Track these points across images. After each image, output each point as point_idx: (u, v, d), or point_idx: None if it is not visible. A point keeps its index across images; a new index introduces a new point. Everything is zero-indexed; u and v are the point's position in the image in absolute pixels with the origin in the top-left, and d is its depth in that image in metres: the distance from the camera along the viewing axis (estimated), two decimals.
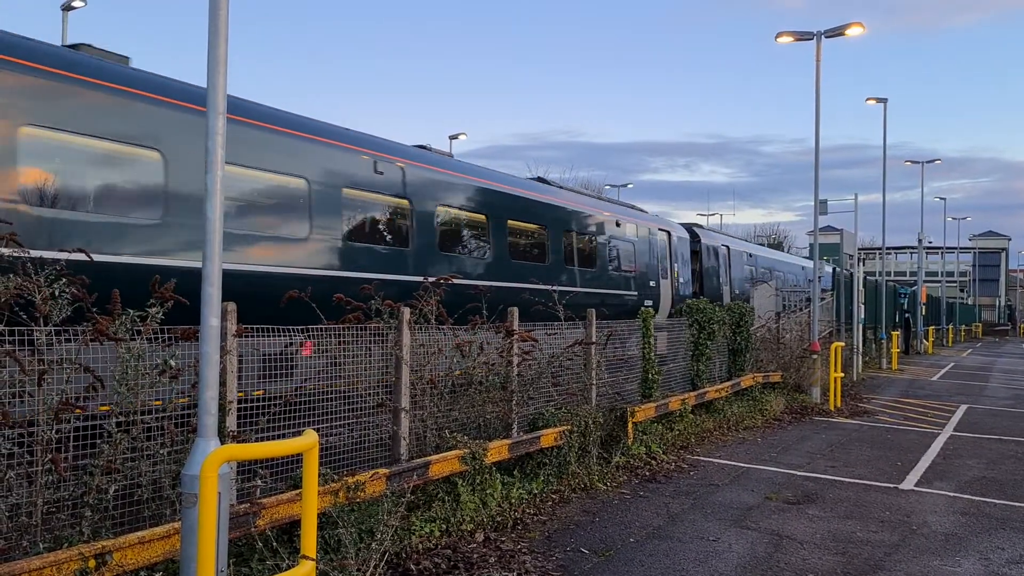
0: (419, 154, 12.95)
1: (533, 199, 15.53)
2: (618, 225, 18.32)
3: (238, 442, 5.67)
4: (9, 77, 7.35)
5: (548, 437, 8.92)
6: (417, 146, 13.61)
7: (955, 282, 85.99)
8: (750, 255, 29.47)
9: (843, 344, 19.26)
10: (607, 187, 53.44)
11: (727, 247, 26.55)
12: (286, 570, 5.06)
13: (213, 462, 3.95)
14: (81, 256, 5.75)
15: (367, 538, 5.86)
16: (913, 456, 11.80)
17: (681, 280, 21.76)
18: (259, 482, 5.90)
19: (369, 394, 7.46)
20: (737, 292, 26.27)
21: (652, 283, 19.66)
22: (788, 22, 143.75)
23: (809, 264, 36.62)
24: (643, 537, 7.45)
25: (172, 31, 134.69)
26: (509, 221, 14.50)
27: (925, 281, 43.37)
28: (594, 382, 10.69)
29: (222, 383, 5.55)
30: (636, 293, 18.67)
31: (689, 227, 24.28)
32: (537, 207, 15.51)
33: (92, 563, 4.42)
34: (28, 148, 7.50)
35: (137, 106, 8.43)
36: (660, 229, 21.01)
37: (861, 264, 25.18)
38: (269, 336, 6.56)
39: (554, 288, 11.97)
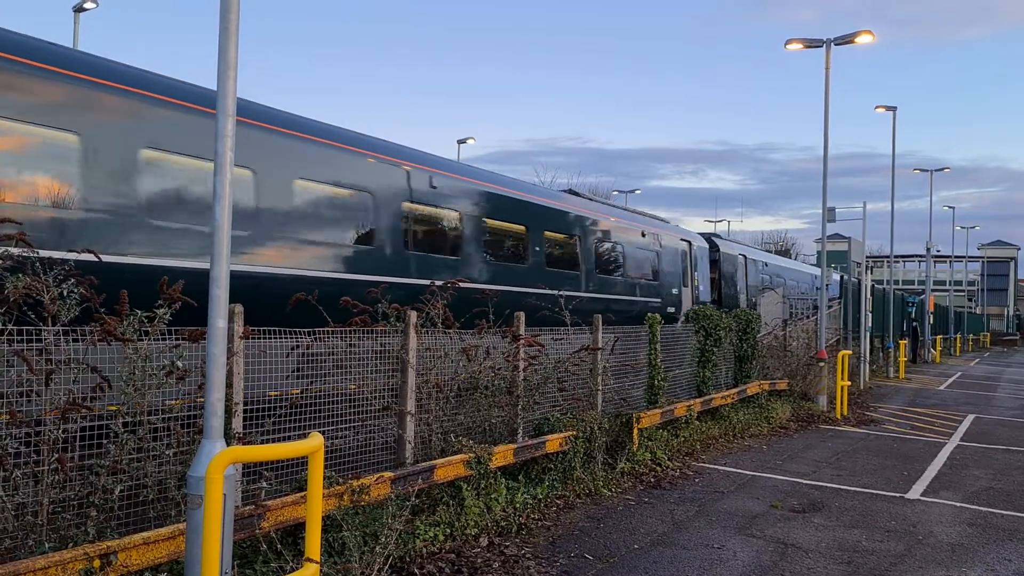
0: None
1: (565, 210, 16.53)
2: (643, 236, 19.53)
3: (244, 444, 5.68)
4: None
5: (553, 442, 8.91)
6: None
7: (963, 291, 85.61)
8: (765, 264, 30.77)
9: (850, 352, 19.20)
10: (615, 192, 53.50)
11: (744, 256, 27.82)
12: (290, 572, 5.07)
13: (219, 464, 3.96)
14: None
15: (371, 541, 5.86)
16: (919, 466, 11.76)
17: (700, 288, 22.86)
18: (264, 484, 5.91)
19: (375, 397, 7.47)
20: (752, 299, 27.44)
21: (674, 291, 20.86)
22: (798, 31, 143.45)
23: (817, 271, 36.49)
24: (647, 544, 7.44)
25: (181, 32, 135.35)
26: (546, 232, 15.56)
27: (933, 290, 43.21)
28: (600, 388, 10.68)
29: (228, 385, 5.56)
30: (659, 300, 19.76)
31: (708, 236, 25.58)
32: (569, 217, 16.55)
33: (97, 563, 4.43)
34: None
35: None
36: (682, 240, 22.22)
37: (869, 272, 25.09)
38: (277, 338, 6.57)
39: (581, 295, 14.44)
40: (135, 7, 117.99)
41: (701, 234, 25.14)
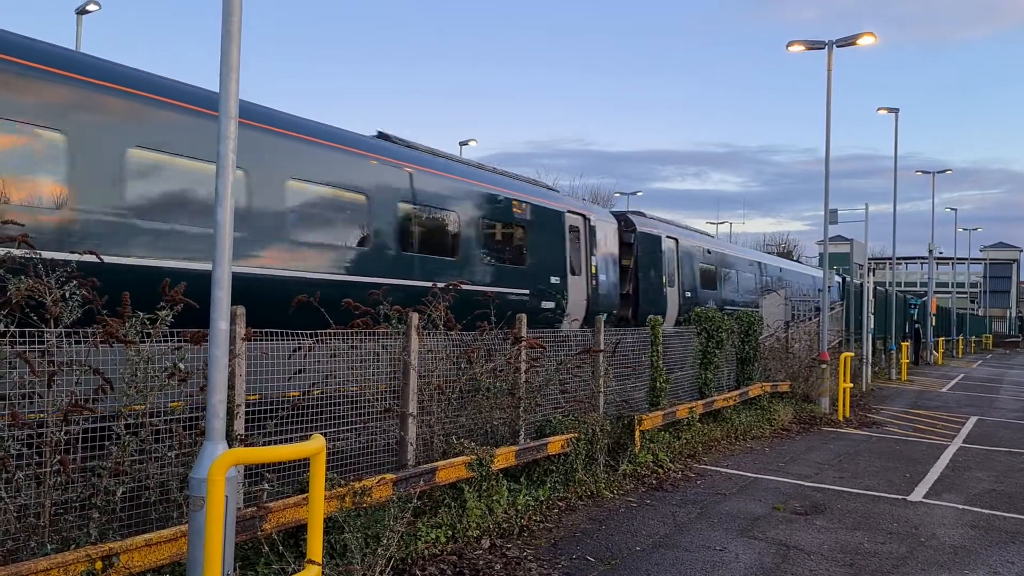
0: None
1: (348, 153, 11.12)
2: (499, 203, 14.22)
3: (246, 446, 5.68)
4: None
5: (555, 444, 8.91)
6: None
7: (965, 293, 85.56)
8: (708, 251, 24.63)
9: (852, 354, 19.19)
10: (617, 195, 53.32)
11: (674, 239, 21.76)
12: (292, 574, 5.07)
13: (221, 466, 3.96)
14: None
15: (373, 543, 5.86)
16: (922, 468, 11.74)
17: (603, 278, 17.45)
18: (266, 486, 5.91)
19: (377, 399, 7.46)
20: (689, 295, 22.13)
21: (554, 279, 15.53)
22: (799, 31, 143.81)
23: (788, 265, 35.82)
24: (649, 546, 7.43)
25: (182, 33, 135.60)
26: (294, 182, 9.95)
27: (935, 292, 43.19)
28: (602, 390, 10.68)
29: (230, 386, 5.57)
30: (528, 291, 14.53)
31: (622, 215, 20.28)
32: (355, 167, 11.12)
33: (99, 565, 4.44)
34: None
35: None
36: (572, 212, 16.65)
37: (871, 274, 24.98)
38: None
39: (379, 281, 9.69)
40: (135, 8, 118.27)
41: (616, 213, 19.92)
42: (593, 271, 17.01)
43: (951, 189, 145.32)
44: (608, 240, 17.95)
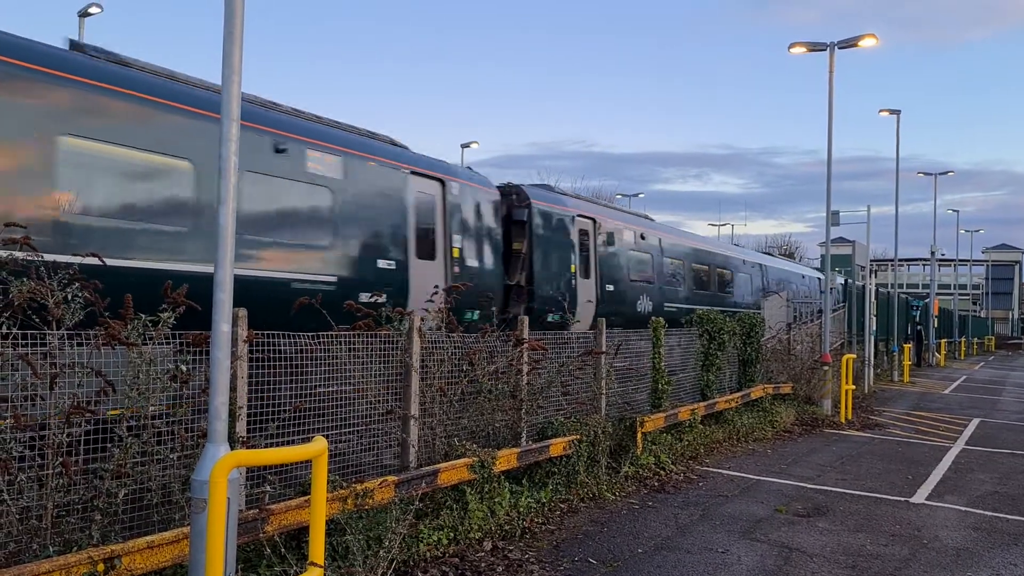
0: None
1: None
2: (281, 152, 9.96)
3: (248, 448, 5.68)
4: None
5: (557, 446, 8.91)
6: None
7: (968, 295, 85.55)
8: (643, 236, 19.39)
9: (854, 356, 19.16)
10: (618, 196, 53.26)
11: (590, 219, 17.05)
12: None
13: (223, 468, 3.96)
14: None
15: (375, 545, 5.86)
16: (924, 469, 11.72)
17: (471, 264, 13.28)
18: (268, 488, 5.91)
19: (379, 401, 7.46)
20: (611, 288, 17.53)
21: (385, 264, 11.42)
22: (802, 34, 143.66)
23: (774, 262, 34.70)
24: (651, 548, 7.42)
25: (182, 34, 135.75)
26: None
27: (937, 294, 43.14)
28: (604, 391, 10.67)
29: (232, 388, 5.56)
30: (334, 278, 10.48)
31: (514, 186, 15.52)
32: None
33: (101, 567, 4.44)
34: None
35: None
36: (420, 174, 12.35)
37: (873, 276, 24.89)
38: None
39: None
40: (136, 8, 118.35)
41: (506, 186, 15.35)
42: (455, 254, 12.89)
43: (953, 191, 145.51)
44: (484, 215, 13.89)
